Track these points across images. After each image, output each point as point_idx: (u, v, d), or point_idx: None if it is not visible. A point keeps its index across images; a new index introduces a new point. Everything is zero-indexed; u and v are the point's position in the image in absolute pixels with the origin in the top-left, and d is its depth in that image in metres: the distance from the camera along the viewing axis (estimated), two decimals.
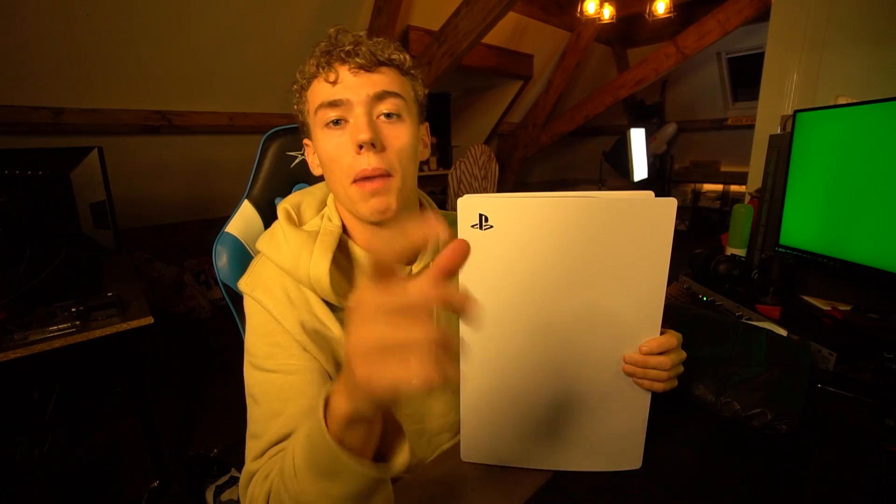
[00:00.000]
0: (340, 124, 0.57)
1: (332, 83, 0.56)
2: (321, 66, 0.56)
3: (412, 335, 0.27)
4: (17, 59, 2.06)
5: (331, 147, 0.57)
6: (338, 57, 0.56)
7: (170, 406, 2.09)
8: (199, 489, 1.43)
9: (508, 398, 0.57)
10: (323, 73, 0.56)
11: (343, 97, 0.56)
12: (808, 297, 1.07)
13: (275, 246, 0.60)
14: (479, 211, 0.48)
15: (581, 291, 0.51)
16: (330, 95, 0.56)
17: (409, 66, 0.61)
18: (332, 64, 0.56)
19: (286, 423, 0.52)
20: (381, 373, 0.28)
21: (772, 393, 0.66)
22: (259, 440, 0.53)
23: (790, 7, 1.52)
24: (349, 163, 0.56)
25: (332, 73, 0.56)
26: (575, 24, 4.22)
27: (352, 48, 0.55)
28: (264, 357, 0.56)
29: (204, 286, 3.38)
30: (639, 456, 0.58)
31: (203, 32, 2.43)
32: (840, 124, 0.97)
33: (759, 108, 1.64)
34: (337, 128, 0.57)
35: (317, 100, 0.57)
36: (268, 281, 0.59)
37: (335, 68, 0.56)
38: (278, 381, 0.55)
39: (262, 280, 0.60)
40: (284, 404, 0.53)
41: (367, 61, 0.55)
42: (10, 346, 1.12)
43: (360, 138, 0.54)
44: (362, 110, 0.55)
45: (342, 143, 0.56)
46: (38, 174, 1.25)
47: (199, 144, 2.97)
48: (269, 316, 0.57)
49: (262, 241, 0.63)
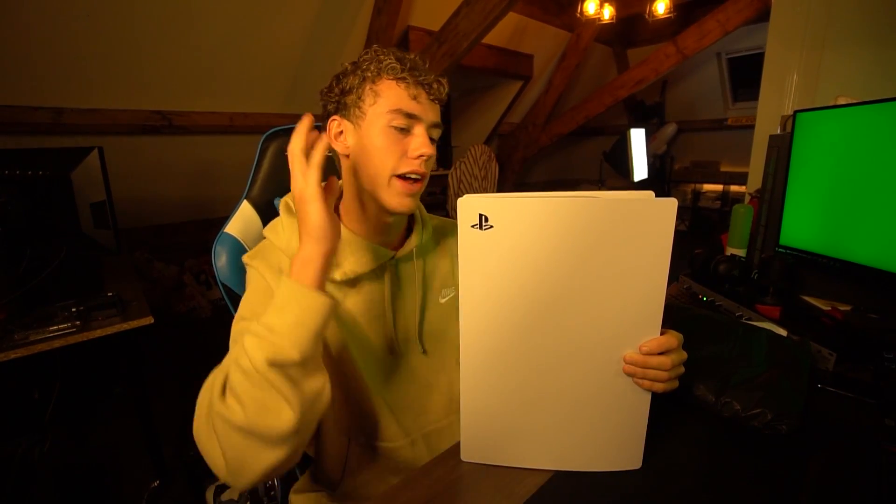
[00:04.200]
0: (404, 132, 0.66)
1: (413, 98, 0.65)
2: (403, 77, 0.65)
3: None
4: (17, 59, 2.06)
5: (387, 143, 0.65)
6: (421, 79, 0.66)
7: (170, 406, 2.08)
8: (199, 489, 1.43)
9: (508, 398, 0.57)
10: (405, 83, 0.65)
11: (420, 114, 0.66)
12: (808, 297, 1.07)
13: (274, 231, 0.70)
14: (479, 211, 0.48)
15: (581, 291, 0.51)
16: (411, 108, 0.65)
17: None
18: (412, 83, 0.66)
19: None
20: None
21: (772, 393, 0.66)
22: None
23: (790, 7, 1.52)
24: (398, 160, 0.65)
25: (414, 89, 0.65)
26: (575, 24, 4.22)
27: (435, 80, 0.67)
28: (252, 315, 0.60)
29: (204, 286, 3.38)
30: (639, 456, 0.58)
31: (203, 32, 2.43)
32: (840, 124, 0.97)
33: (759, 108, 1.64)
34: (401, 133, 0.66)
35: (393, 102, 0.65)
36: (268, 256, 0.68)
37: (417, 87, 0.66)
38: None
39: (263, 254, 0.68)
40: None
41: (439, 95, 0.68)
42: (10, 346, 1.12)
43: (426, 152, 0.65)
44: (425, 130, 0.67)
45: (401, 144, 0.66)
46: (38, 174, 1.25)
47: (199, 144, 2.96)
48: (265, 282, 0.65)
49: (266, 228, 0.72)
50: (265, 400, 0.49)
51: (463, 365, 0.55)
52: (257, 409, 0.49)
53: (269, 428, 0.49)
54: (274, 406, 0.49)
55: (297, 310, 0.51)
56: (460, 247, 0.50)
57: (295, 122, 0.71)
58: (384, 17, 2.90)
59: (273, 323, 0.51)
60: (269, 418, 0.49)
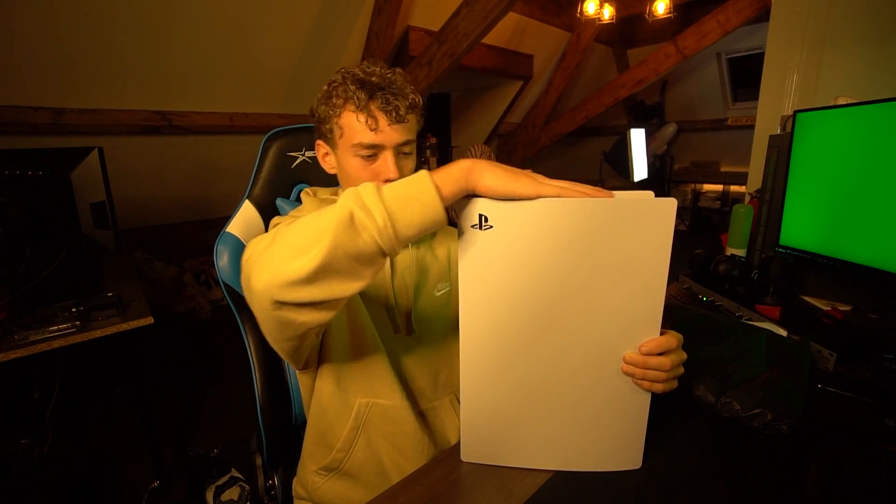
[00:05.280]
0: (371, 158, 0.70)
1: (372, 130, 0.68)
2: (361, 107, 0.67)
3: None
4: (17, 59, 2.06)
5: (357, 169, 0.70)
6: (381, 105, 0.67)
7: (170, 406, 2.09)
8: (199, 489, 1.43)
9: (508, 398, 0.57)
10: (364, 114, 0.67)
11: (381, 142, 0.69)
12: (808, 297, 1.07)
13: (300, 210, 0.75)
14: (479, 211, 0.49)
15: (581, 291, 0.51)
16: (370, 140, 0.68)
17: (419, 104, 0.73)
18: (373, 110, 0.67)
19: None
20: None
21: (772, 393, 0.66)
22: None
23: (790, 7, 1.52)
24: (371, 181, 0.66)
25: (372, 119, 0.67)
26: (575, 24, 4.22)
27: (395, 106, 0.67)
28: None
29: (204, 286, 3.38)
30: (639, 456, 0.58)
31: (203, 33, 2.43)
32: (840, 124, 0.97)
33: (758, 108, 1.64)
34: (368, 160, 0.70)
35: (354, 137, 0.69)
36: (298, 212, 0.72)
37: (375, 115, 0.67)
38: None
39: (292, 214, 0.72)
40: None
41: (402, 118, 0.68)
42: (10, 346, 1.12)
43: (391, 177, 0.68)
44: (391, 154, 0.69)
45: (370, 170, 0.70)
46: (38, 174, 1.25)
47: (199, 144, 2.97)
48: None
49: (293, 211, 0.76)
50: (305, 239, 0.47)
51: (463, 365, 0.55)
52: (292, 241, 0.48)
53: (282, 262, 0.47)
54: (304, 248, 0.47)
55: (408, 190, 0.48)
56: (460, 247, 0.51)
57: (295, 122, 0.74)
58: (384, 17, 2.91)
59: (384, 188, 0.48)
60: (290, 256, 0.47)
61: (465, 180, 0.48)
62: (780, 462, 0.59)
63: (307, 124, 0.87)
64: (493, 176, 0.48)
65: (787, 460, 0.59)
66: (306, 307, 0.50)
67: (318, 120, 0.73)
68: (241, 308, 0.83)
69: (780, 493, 0.54)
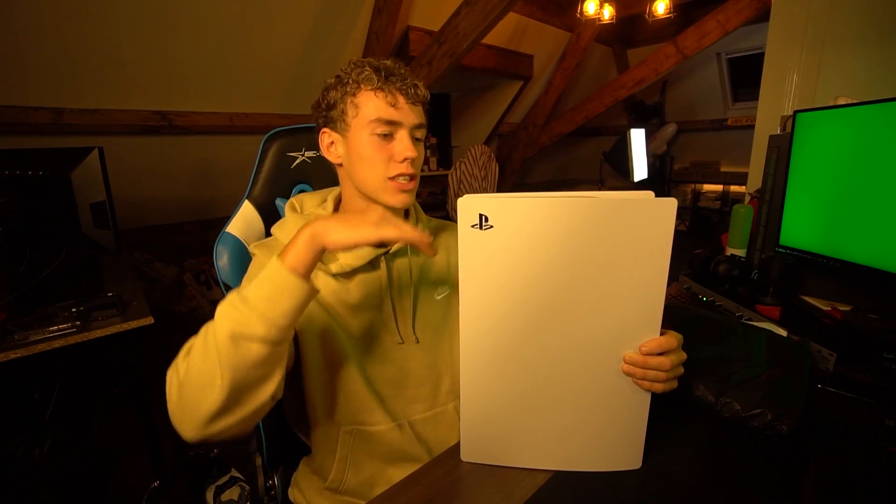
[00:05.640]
0: (388, 138, 0.70)
1: (391, 105, 0.68)
2: (379, 85, 0.68)
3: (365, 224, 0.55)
4: (17, 59, 2.06)
5: (372, 151, 0.70)
6: (398, 86, 0.69)
7: None
8: (199, 489, 1.43)
9: (508, 398, 0.57)
10: (383, 92, 0.68)
11: (400, 120, 0.69)
12: (808, 297, 1.07)
13: (281, 228, 0.75)
14: (479, 211, 0.49)
15: (581, 292, 0.51)
16: (390, 115, 0.68)
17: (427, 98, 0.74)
18: (391, 89, 0.68)
19: None
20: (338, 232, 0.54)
21: (772, 393, 0.66)
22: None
23: (790, 7, 1.52)
24: (386, 165, 0.70)
25: (391, 96, 0.68)
26: (575, 24, 4.22)
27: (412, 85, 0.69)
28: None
29: (204, 286, 3.38)
30: (639, 456, 0.58)
31: (203, 33, 2.43)
32: (840, 125, 0.97)
33: (758, 108, 1.64)
34: (385, 139, 0.70)
35: (373, 112, 0.69)
36: (273, 248, 0.72)
37: (395, 94, 0.68)
38: None
39: (268, 246, 0.73)
40: None
41: (418, 98, 0.71)
42: (10, 346, 1.12)
43: (410, 155, 0.69)
44: (408, 133, 0.70)
45: (386, 150, 0.70)
46: (38, 174, 1.25)
47: (199, 144, 2.96)
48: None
49: (275, 227, 0.77)
50: (205, 373, 0.50)
51: (463, 365, 0.55)
52: (196, 378, 0.51)
53: (196, 403, 0.51)
54: (209, 381, 0.50)
55: (270, 287, 0.52)
56: (460, 247, 0.51)
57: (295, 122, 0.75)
58: (384, 17, 2.90)
59: (248, 294, 0.52)
60: (201, 394, 0.51)
61: (313, 246, 0.54)
62: (780, 462, 0.59)
63: (307, 124, 0.87)
64: (336, 231, 0.54)
65: (787, 460, 0.59)
66: (236, 426, 0.54)
67: (326, 106, 0.72)
68: None
69: (779, 494, 0.54)
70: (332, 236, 0.54)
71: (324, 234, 0.54)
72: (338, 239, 0.54)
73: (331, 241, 0.54)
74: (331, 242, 0.54)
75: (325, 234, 0.54)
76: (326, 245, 0.54)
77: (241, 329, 0.50)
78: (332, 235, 0.54)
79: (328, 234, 0.54)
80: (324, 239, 0.54)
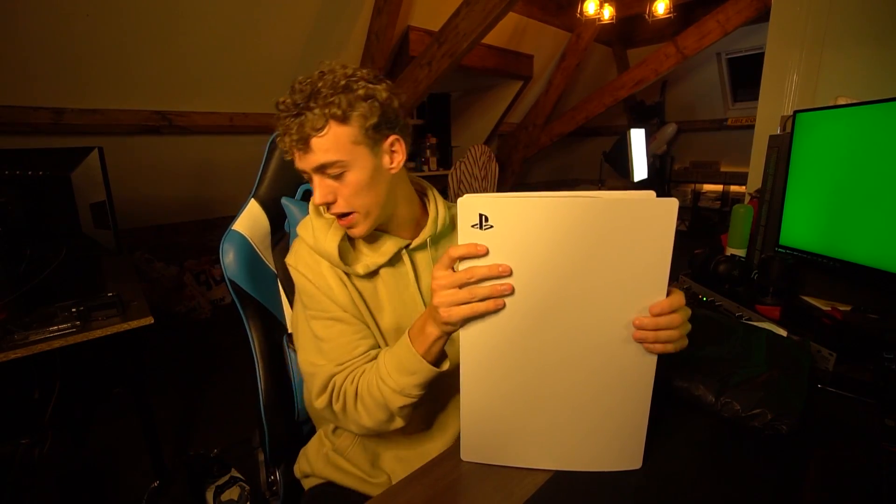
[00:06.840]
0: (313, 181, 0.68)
1: (287, 155, 0.67)
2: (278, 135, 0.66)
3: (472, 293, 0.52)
4: (17, 59, 2.06)
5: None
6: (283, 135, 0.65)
7: (170, 406, 2.09)
8: (199, 489, 1.43)
9: (508, 398, 0.57)
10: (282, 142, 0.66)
11: (300, 167, 0.67)
12: (808, 297, 1.07)
13: (305, 229, 0.74)
14: (479, 211, 0.48)
15: (581, 292, 0.51)
16: (295, 164, 0.67)
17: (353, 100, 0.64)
18: (283, 137, 0.65)
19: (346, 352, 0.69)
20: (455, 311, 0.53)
21: (772, 393, 0.66)
22: (324, 367, 0.68)
23: (790, 7, 1.52)
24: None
25: (285, 146, 0.66)
26: (575, 24, 4.22)
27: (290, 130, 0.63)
28: (321, 310, 0.71)
29: (204, 286, 3.38)
30: (639, 456, 0.58)
31: (203, 33, 2.43)
32: (839, 125, 0.97)
33: (758, 108, 1.64)
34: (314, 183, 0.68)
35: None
36: (305, 258, 0.73)
37: (284, 142, 0.65)
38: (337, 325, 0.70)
39: (302, 257, 0.73)
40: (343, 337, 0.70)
41: (302, 144, 0.64)
42: (10, 346, 1.12)
43: (319, 202, 0.67)
44: (315, 178, 0.67)
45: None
46: (38, 174, 1.25)
47: (200, 144, 2.96)
48: (311, 285, 0.71)
49: (299, 226, 0.76)
50: (380, 415, 0.65)
51: (463, 365, 0.55)
52: (376, 421, 0.66)
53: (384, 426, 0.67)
54: (385, 421, 0.66)
55: (420, 378, 0.62)
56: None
57: None
58: (384, 17, 2.90)
59: (404, 384, 0.62)
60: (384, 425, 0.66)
61: (440, 329, 0.58)
62: (780, 462, 0.59)
63: None
64: (450, 311, 0.53)
65: (787, 460, 0.59)
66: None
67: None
68: (245, 305, 0.83)
69: (780, 493, 0.54)
70: (454, 316, 0.53)
71: (447, 318, 0.54)
72: (456, 313, 0.53)
73: (455, 318, 0.53)
74: (455, 318, 0.53)
75: (449, 318, 0.53)
76: (453, 323, 0.55)
77: (404, 401, 0.63)
78: (454, 316, 0.53)
79: (451, 317, 0.53)
80: (447, 320, 0.54)
